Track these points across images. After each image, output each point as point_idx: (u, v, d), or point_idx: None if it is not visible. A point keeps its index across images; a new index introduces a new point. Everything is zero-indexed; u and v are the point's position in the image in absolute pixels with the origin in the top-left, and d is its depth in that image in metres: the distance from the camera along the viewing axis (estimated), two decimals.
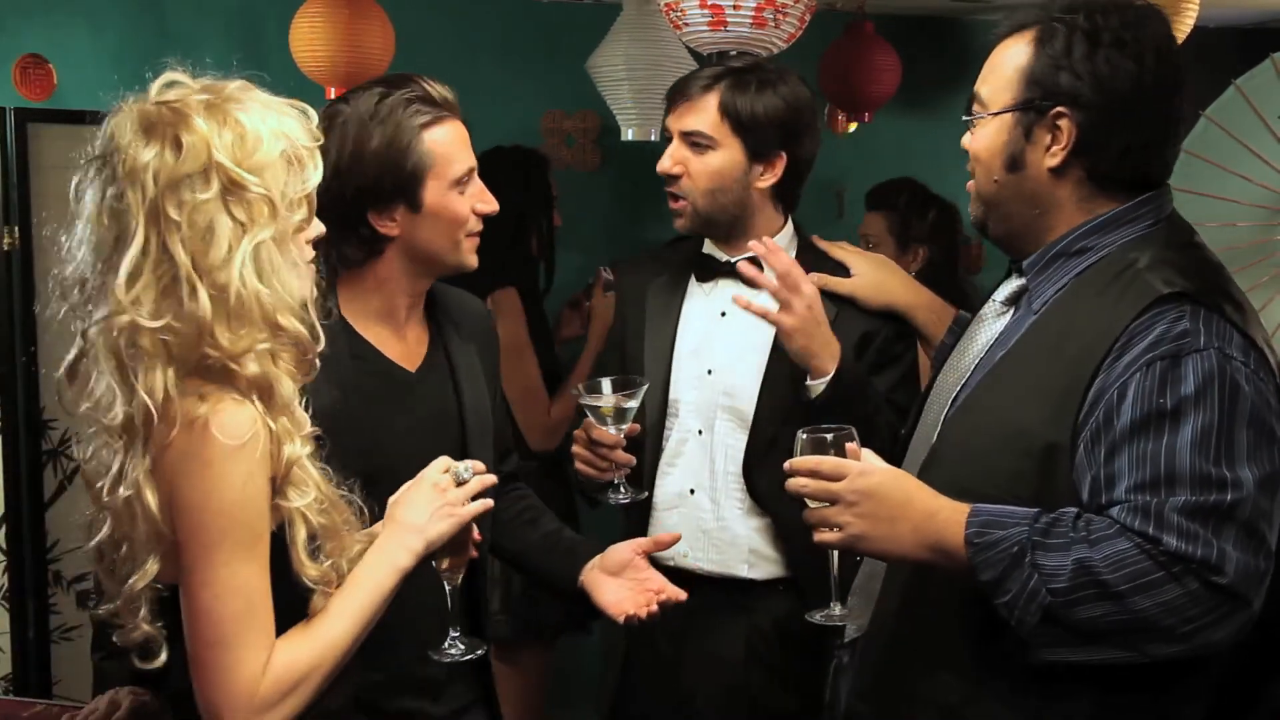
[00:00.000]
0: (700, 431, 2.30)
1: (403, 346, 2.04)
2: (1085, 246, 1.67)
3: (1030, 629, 1.50)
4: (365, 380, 1.97)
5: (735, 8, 2.49)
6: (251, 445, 1.41)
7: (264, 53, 3.65)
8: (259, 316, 1.43)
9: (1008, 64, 1.69)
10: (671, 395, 2.31)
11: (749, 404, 2.24)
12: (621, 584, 2.01)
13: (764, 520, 2.26)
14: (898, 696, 1.74)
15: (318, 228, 1.57)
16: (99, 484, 1.45)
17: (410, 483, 1.68)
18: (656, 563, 2.28)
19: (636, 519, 2.34)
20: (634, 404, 2.09)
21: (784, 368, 2.21)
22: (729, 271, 2.31)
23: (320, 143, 1.55)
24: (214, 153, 1.42)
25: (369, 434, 1.94)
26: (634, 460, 2.18)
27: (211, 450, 1.39)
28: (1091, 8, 1.65)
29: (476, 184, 2.01)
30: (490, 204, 2.02)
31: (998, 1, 4.02)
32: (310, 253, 1.56)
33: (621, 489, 2.16)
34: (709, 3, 2.51)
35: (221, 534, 1.40)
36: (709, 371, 2.29)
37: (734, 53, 2.56)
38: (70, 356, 1.47)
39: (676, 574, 2.27)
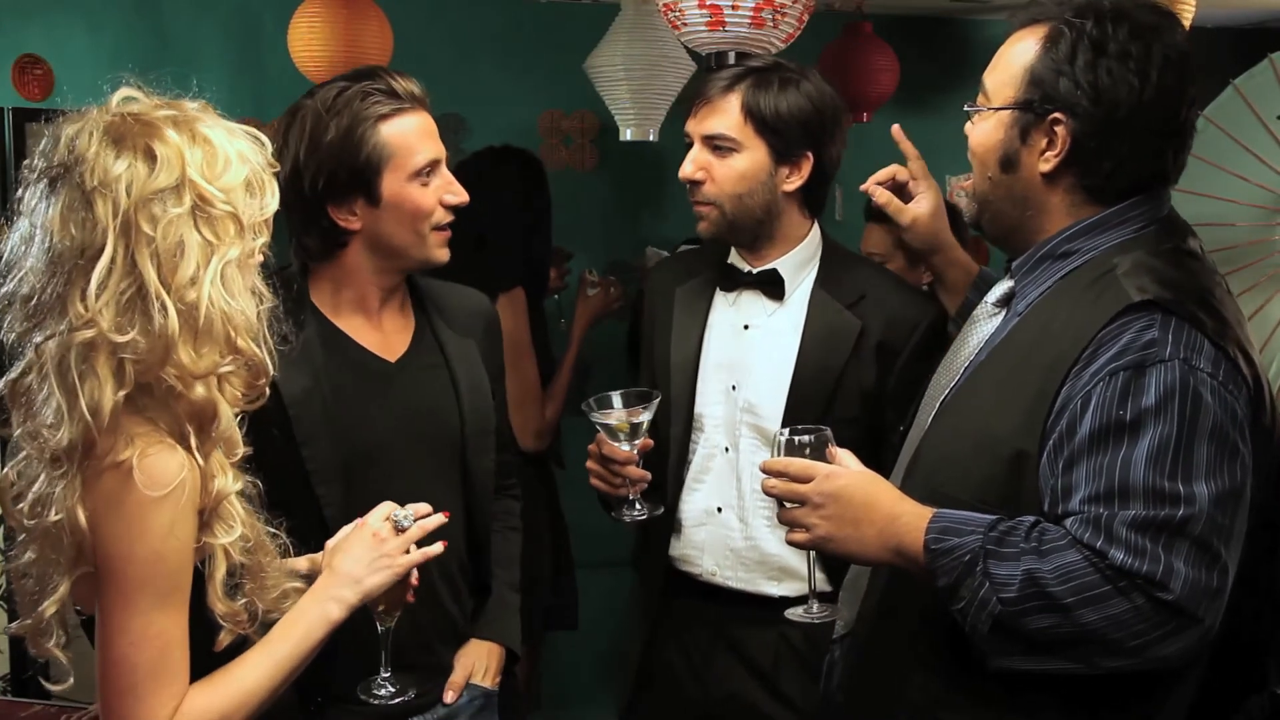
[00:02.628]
0: (727, 449, 2.24)
1: (380, 336, 2.02)
2: (1072, 249, 1.64)
3: (982, 637, 1.50)
4: (337, 368, 1.96)
5: (734, 8, 2.49)
6: (177, 493, 1.38)
7: (261, 52, 3.65)
8: (221, 337, 1.41)
9: (1015, 59, 1.66)
10: (697, 409, 2.25)
11: (774, 422, 2.18)
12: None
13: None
14: (873, 693, 1.74)
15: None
16: (20, 505, 1.42)
17: (350, 528, 1.66)
18: (682, 575, 2.30)
19: (662, 534, 2.29)
20: (647, 418, 2.03)
21: (809, 385, 2.18)
22: (752, 283, 2.27)
23: (276, 170, 1.52)
24: (188, 169, 1.39)
25: (343, 423, 1.93)
26: (649, 476, 2.12)
27: (134, 499, 1.36)
28: (1104, 13, 1.61)
29: (443, 176, 1.98)
30: (459, 195, 1.99)
31: (996, 1, 4.02)
32: (264, 289, 1.53)
33: (636, 505, 2.10)
34: (707, 3, 2.50)
35: (141, 583, 1.38)
36: (733, 387, 2.24)
37: (732, 53, 2.55)
38: (14, 372, 1.42)
39: (704, 588, 2.28)
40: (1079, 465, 1.49)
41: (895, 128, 2.20)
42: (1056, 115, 1.61)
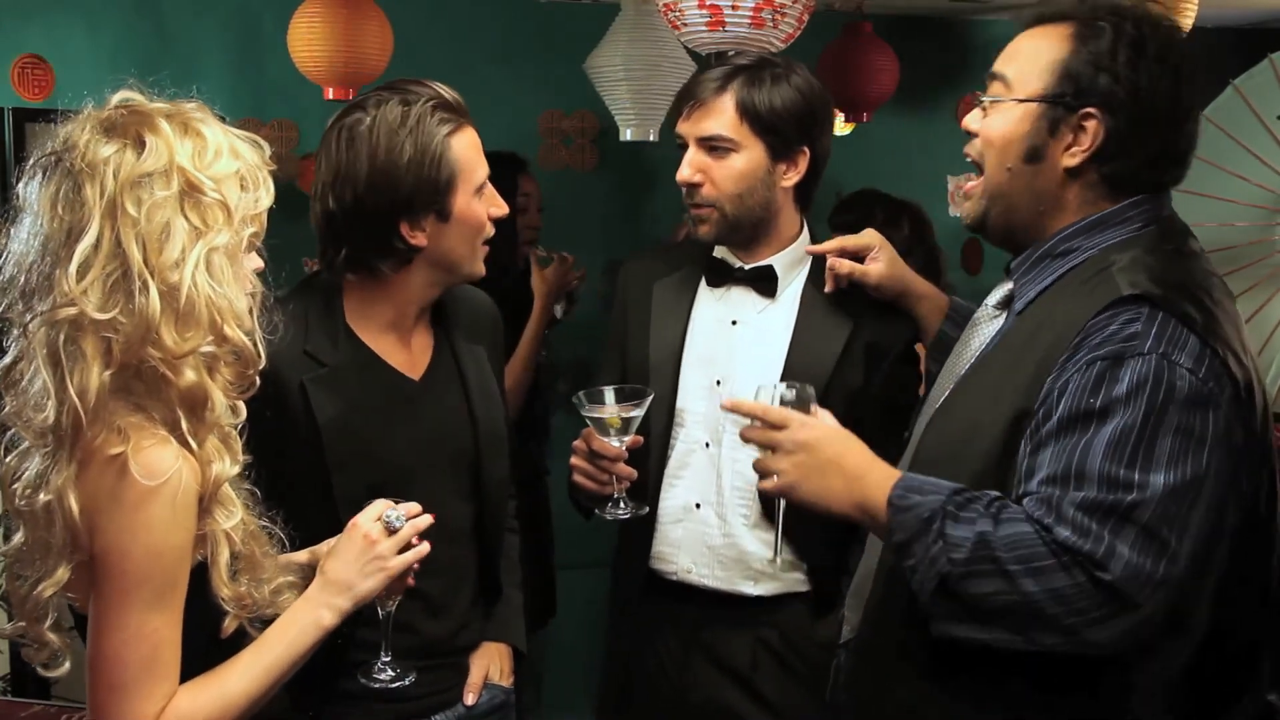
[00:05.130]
0: (708, 444, 2.23)
1: (407, 355, 2.02)
2: (1070, 248, 1.65)
3: (928, 596, 1.52)
4: (370, 391, 1.96)
5: (734, 8, 2.49)
6: (173, 483, 1.38)
7: (261, 52, 3.65)
8: (206, 321, 1.41)
9: (1040, 52, 1.65)
10: (679, 404, 2.23)
11: None
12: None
13: (771, 537, 2.18)
14: (874, 695, 1.75)
15: (254, 260, 1.56)
16: (14, 486, 1.42)
17: (344, 532, 1.66)
18: (659, 575, 2.28)
19: (639, 532, 2.27)
20: (639, 414, 2.01)
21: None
22: (743, 279, 2.25)
23: (273, 170, 1.54)
24: (176, 155, 1.41)
25: (372, 445, 1.93)
26: (635, 474, 2.10)
27: (132, 492, 1.37)
28: (1138, 17, 1.62)
29: (489, 189, 1.99)
30: (502, 208, 2.01)
31: (996, 2, 4.02)
32: (255, 280, 1.54)
33: (622, 504, 2.08)
34: (707, 3, 2.50)
35: (138, 581, 1.38)
36: (717, 382, 2.22)
37: (733, 52, 2.55)
38: (7, 359, 1.44)
39: (680, 589, 2.26)
40: (1045, 448, 1.51)
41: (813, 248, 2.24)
42: (1089, 110, 1.61)
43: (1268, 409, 1.59)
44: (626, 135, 3.46)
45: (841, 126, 4.28)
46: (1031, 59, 1.66)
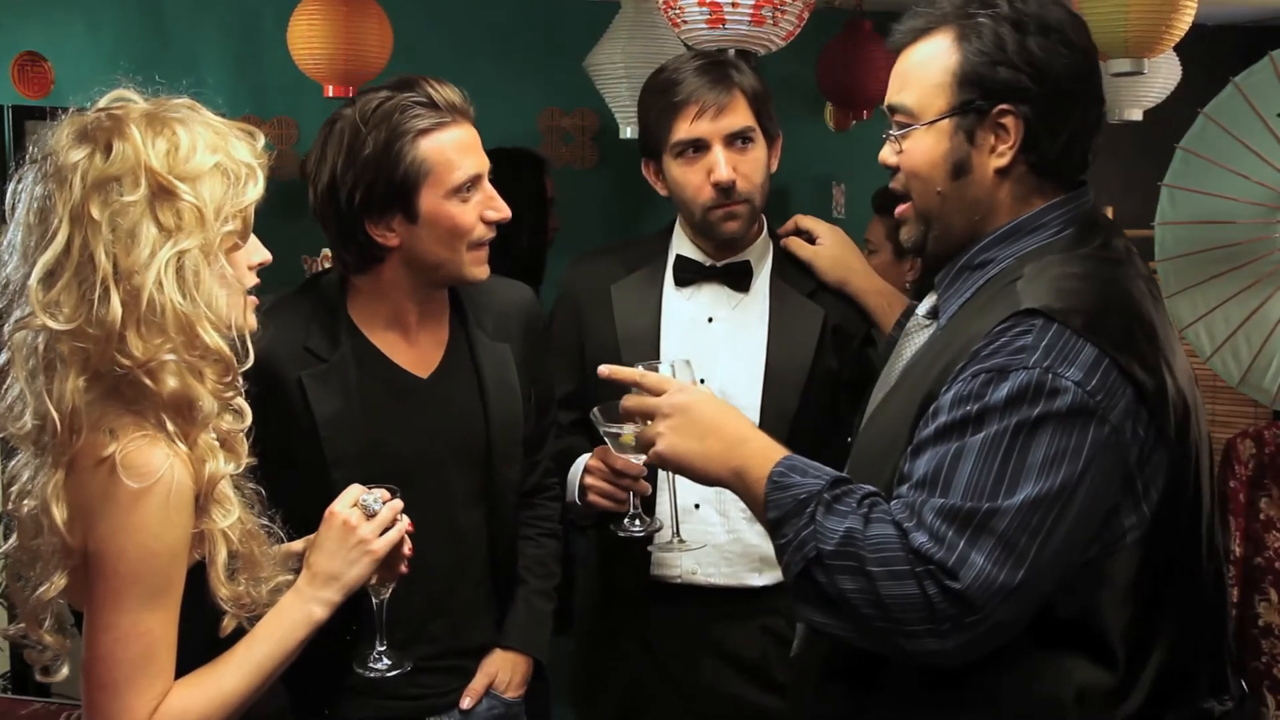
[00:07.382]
0: None
1: (415, 352, 2.00)
2: (987, 259, 1.62)
3: (793, 577, 1.50)
4: (370, 387, 1.94)
5: (734, 5, 2.48)
6: (164, 484, 1.37)
7: (261, 50, 3.65)
8: (173, 325, 1.39)
9: (931, 68, 1.63)
10: None
11: (751, 413, 2.15)
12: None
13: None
14: (809, 707, 1.74)
15: (261, 253, 1.54)
16: (11, 490, 1.43)
17: (322, 523, 1.65)
18: (661, 581, 2.25)
19: (634, 542, 2.19)
20: None
21: (783, 374, 2.16)
22: (714, 276, 2.25)
23: (263, 162, 1.51)
24: (144, 157, 1.39)
25: (372, 441, 1.91)
26: (650, 488, 2.08)
27: (122, 493, 1.36)
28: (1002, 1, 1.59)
29: (485, 191, 1.93)
30: (501, 211, 1.94)
31: None
32: (249, 276, 1.53)
33: (639, 521, 2.03)
34: (707, 0, 2.50)
35: (131, 580, 1.38)
36: (701, 381, 2.15)
37: (732, 51, 2.54)
38: None
39: (685, 591, 2.24)
40: (922, 454, 1.49)
41: (785, 235, 2.37)
42: (1004, 107, 1.58)
43: (1191, 421, 1.52)
44: (627, 133, 3.46)
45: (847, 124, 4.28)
46: (924, 79, 1.64)
